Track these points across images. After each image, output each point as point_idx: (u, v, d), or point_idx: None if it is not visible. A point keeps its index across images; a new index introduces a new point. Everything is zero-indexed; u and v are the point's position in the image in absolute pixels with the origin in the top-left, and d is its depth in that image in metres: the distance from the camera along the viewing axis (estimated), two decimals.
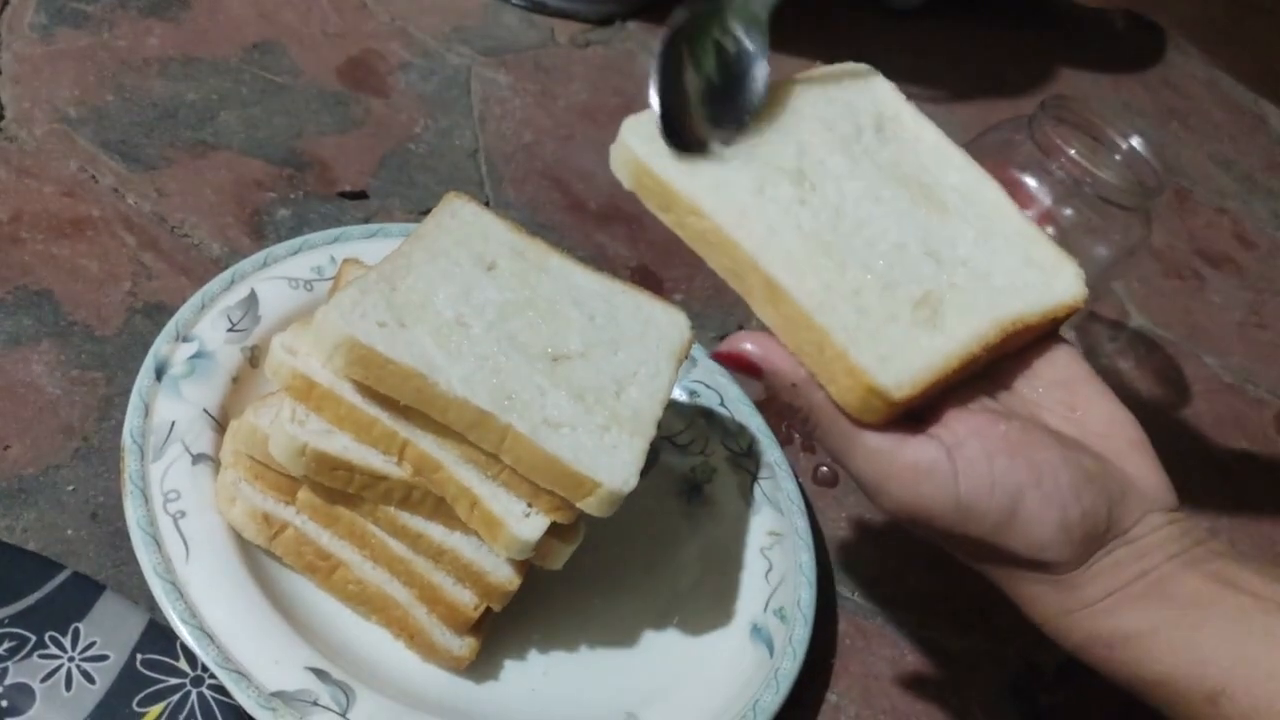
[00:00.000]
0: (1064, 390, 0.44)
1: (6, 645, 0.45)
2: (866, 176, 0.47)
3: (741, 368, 0.42)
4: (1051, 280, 0.46)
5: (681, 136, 0.43)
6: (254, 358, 0.59)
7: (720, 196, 0.44)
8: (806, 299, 0.42)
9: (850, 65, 0.52)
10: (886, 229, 0.45)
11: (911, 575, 0.69)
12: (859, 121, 0.50)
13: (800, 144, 0.47)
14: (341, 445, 0.50)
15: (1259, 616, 0.38)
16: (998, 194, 0.49)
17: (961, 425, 0.40)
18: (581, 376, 0.52)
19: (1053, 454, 0.40)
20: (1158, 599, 0.39)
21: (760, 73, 0.45)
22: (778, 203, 0.45)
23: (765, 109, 0.47)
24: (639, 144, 0.46)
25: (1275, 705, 0.36)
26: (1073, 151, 0.71)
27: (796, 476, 0.68)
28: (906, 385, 0.40)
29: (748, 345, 0.41)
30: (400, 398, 0.49)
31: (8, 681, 0.44)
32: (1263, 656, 0.37)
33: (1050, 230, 0.74)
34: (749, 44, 0.45)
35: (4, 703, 0.44)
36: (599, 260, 0.76)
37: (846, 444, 0.40)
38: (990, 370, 0.44)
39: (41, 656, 0.45)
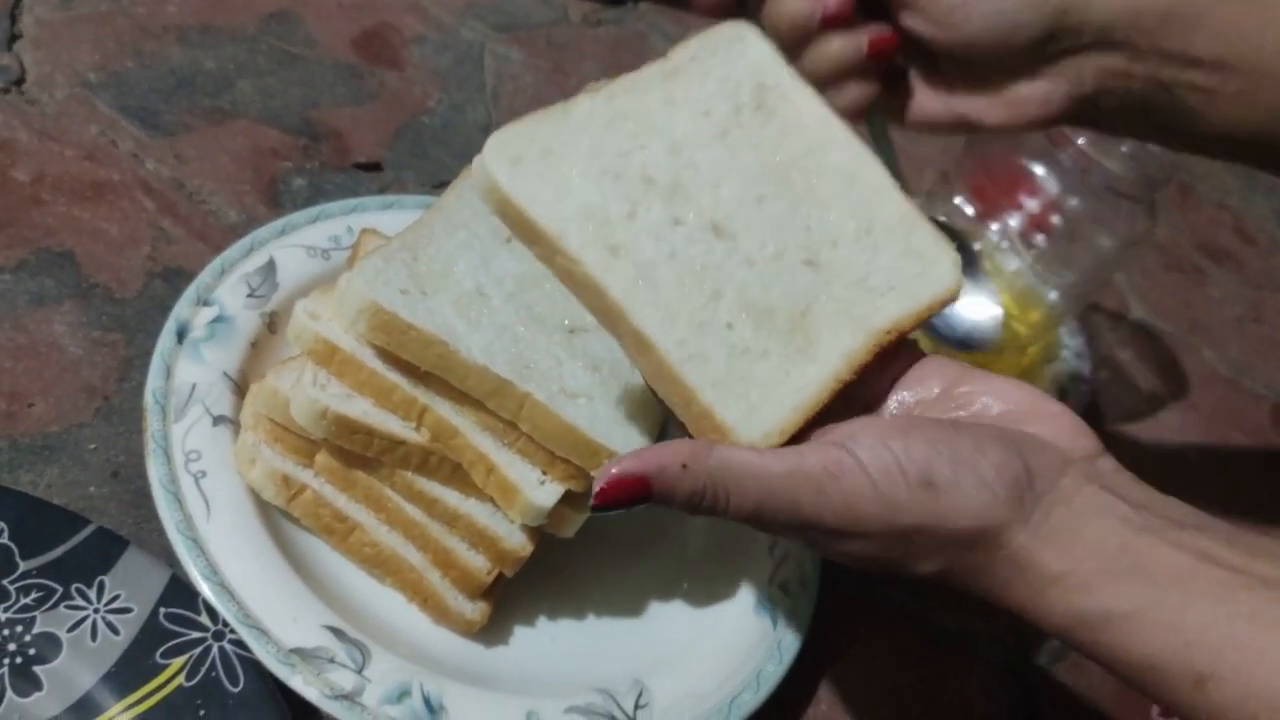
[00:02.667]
0: (944, 397, 0.43)
1: (34, 595, 0.46)
2: (745, 171, 0.45)
3: (627, 495, 0.40)
4: (929, 271, 0.45)
5: None
6: (272, 323, 0.59)
7: (588, 230, 0.42)
8: (674, 350, 0.41)
9: (729, 27, 0.48)
10: (764, 240, 0.44)
11: None
12: (738, 99, 0.46)
13: (674, 142, 0.45)
14: (361, 410, 0.51)
15: (1243, 594, 0.36)
16: (879, 173, 0.46)
17: (841, 429, 0.40)
18: (597, 348, 0.53)
19: (942, 427, 0.40)
20: (1136, 576, 0.38)
21: None
22: (649, 230, 0.43)
23: (639, 97, 0.45)
24: (502, 169, 0.42)
25: (1261, 689, 0.35)
26: (1081, 141, 0.72)
27: None
28: (774, 434, 0.40)
29: (615, 470, 0.39)
30: (421, 364, 0.50)
31: (36, 630, 0.45)
32: (1250, 639, 0.36)
33: (1057, 219, 0.75)
34: None
35: (32, 651, 0.45)
36: None
37: (761, 484, 0.38)
38: (860, 395, 0.44)
39: (68, 607, 0.46)
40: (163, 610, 0.47)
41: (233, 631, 0.48)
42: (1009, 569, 0.39)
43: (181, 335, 0.57)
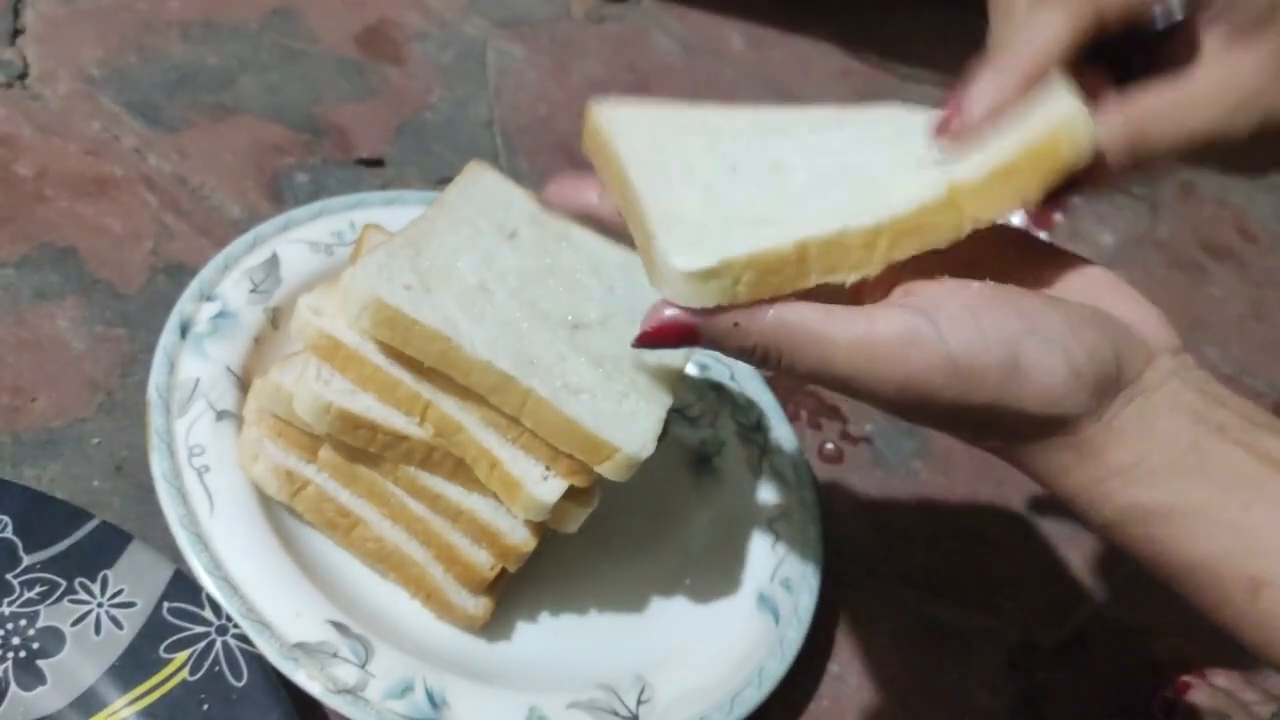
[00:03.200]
0: (1029, 271, 0.40)
1: (38, 589, 0.46)
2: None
3: (673, 338, 0.37)
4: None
5: None
6: (275, 319, 0.59)
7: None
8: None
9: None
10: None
11: (914, 552, 0.71)
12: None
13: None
14: (365, 405, 0.51)
15: None
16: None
17: (930, 290, 0.37)
18: (601, 345, 0.53)
19: (1037, 300, 0.36)
20: (1199, 473, 0.36)
21: None
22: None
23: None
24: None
25: None
26: None
27: (803, 452, 0.69)
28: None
29: (666, 314, 0.36)
30: (425, 359, 0.50)
31: (40, 624, 0.46)
32: None
33: (1059, 216, 0.75)
34: None
35: (36, 645, 0.45)
36: (610, 235, 0.77)
37: (817, 350, 0.35)
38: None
39: (72, 601, 0.46)
40: (166, 605, 0.47)
41: (236, 626, 0.48)
42: (1071, 455, 0.37)
43: (184, 330, 0.57)
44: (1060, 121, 0.38)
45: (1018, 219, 0.75)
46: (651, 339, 0.36)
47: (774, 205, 0.38)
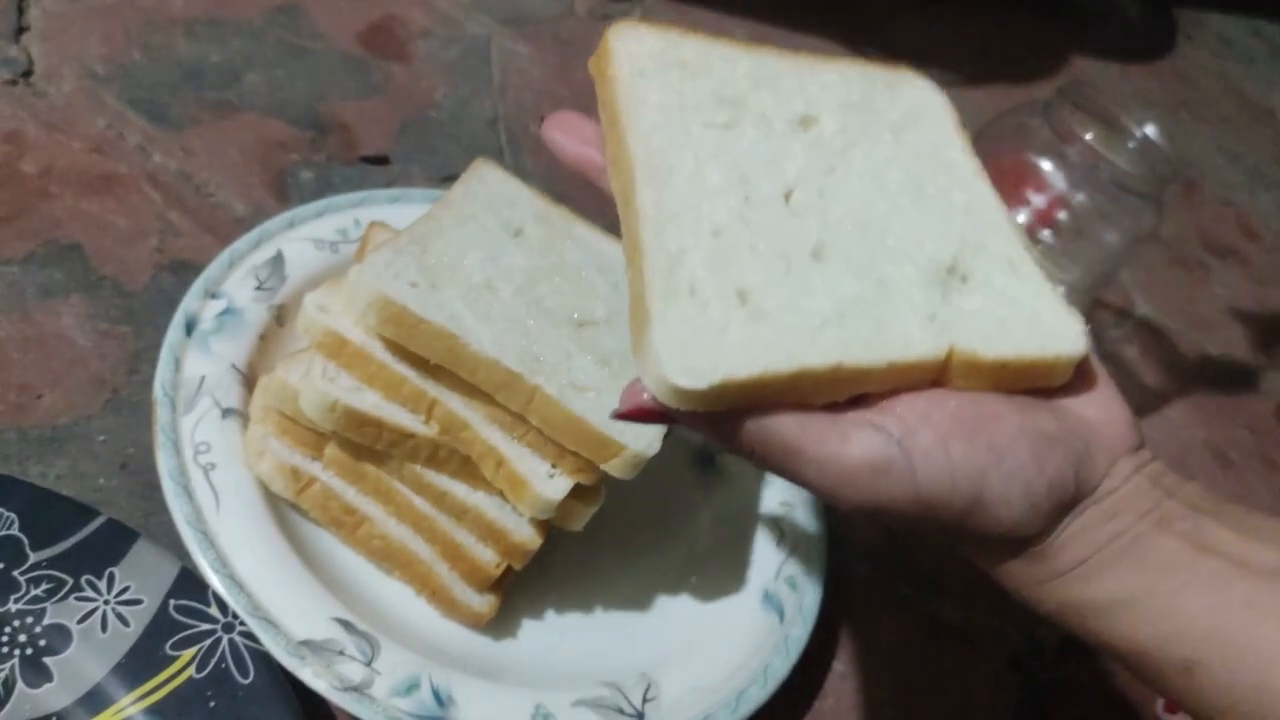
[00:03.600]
0: None
1: (44, 587, 0.46)
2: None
3: (647, 420, 0.36)
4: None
5: None
6: (280, 316, 0.59)
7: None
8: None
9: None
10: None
11: (918, 551, 0.71)
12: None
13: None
14: (371, 402, 0.51)
15: (1236, 584, 0.36)
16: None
17: (907, 409, 0.37)
18: (606, 342, 0.53)
19: (1009, 425, 0.37)
20: (1133, 564, 0.37)
21: None
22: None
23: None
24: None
25: (1247, 678, 0.35)
26: (1089, 137, 0.72)
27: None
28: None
29: (646, 397, 0.35)
30: (431, 357, 0.50)
31: (46, 622, 0.45)
32: (1239, 628, 0.35)
33: (1064, 215, 0.75)
34: None
35: (42, 642, 0.45)
36: (616, 233, 0.77)
37: (791, 462, 0.36)
38: None
39: (78, 599, 0.46)
40: (173, 602, 0.47)
41: (243, 623, 0.48)
42: (1018, 559, 0.39)
43: (190, 328, 0.57)
44: (1066, 349, 0.38)
45: (1022, 218, 0.75)
46: (629, 418, 0.36)
47: (777, 288, 0.36)
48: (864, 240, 0.39)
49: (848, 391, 0.36)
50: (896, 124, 0.43)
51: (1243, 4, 1.46)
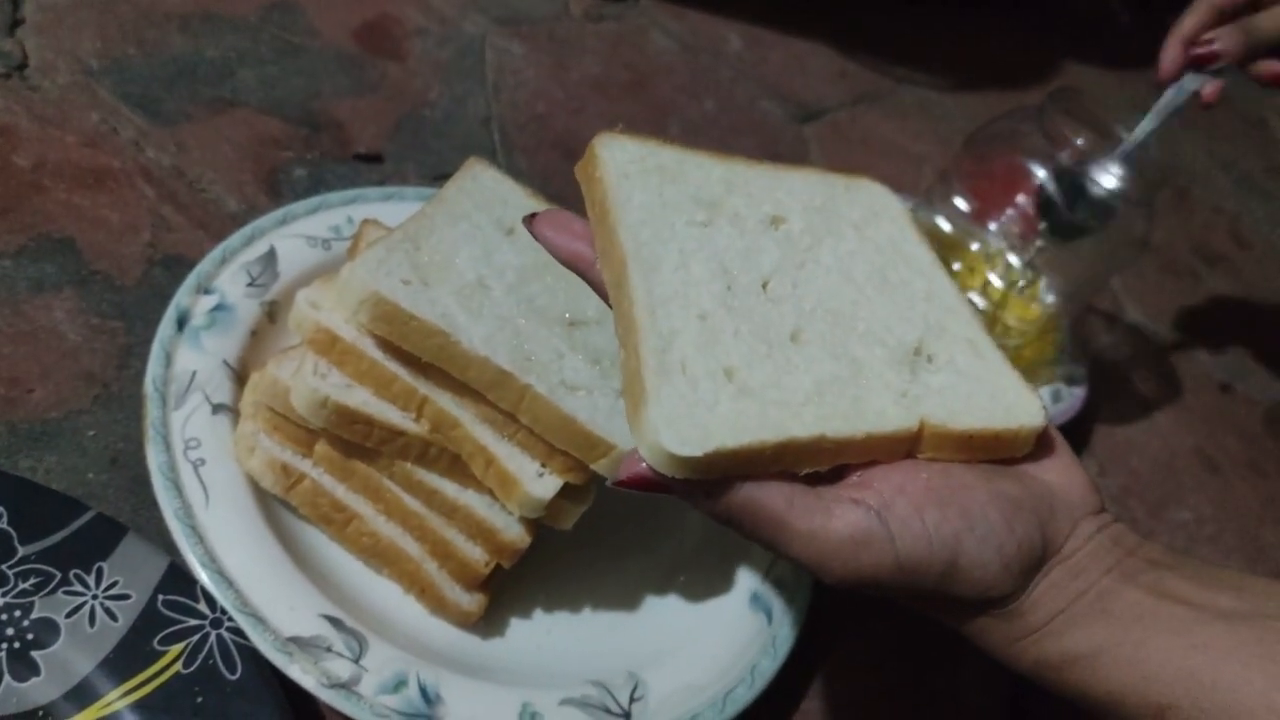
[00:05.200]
0: None
1: (33, 580, 0.46)
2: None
3: (645, 489, 0.38)
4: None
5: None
6: (272, 313, 0.59)
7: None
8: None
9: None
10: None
11: None
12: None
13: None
14: (361, 399, 0.51)
15: (1196, 627, 0.38)
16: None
17: (884, 482, 0.39)
18: (598, 342, 0.53)
19: (979, 493, 0.40)
20: (1100, 618, 0.40)
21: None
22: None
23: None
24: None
25: (1220, 716, 0.37)
26: (1080, 142, 0.72)
27: None
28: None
29: (643, 466, 0.37)
30: (422, 354, 0.50)
31: (34, 616, 0.45)
32: (1205, 669, 0.37)
33: (1054, 219, 0.76)
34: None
35: (30, 636, 0.45)
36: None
37: (775, 533, 0.38)
38: None
39: (66, 593, 0.46)
40: (161, 597, 0.47)
41: (231, 619, 0.48)
42: (991, 620, 0.41)
43: (182, 323, 0.57)
44: (1027, 421, 0.41)
45: (1014, 225, 0.75)
46: (627, 486, 0.38)
47: (761, 367, 0.39)
48: (837, 325, 0.42)
49: (830, 461, 0.39)
50: (858, 222, 0.47)
51: None
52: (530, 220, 0.42)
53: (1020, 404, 0.42)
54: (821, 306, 0.42)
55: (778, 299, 0.42)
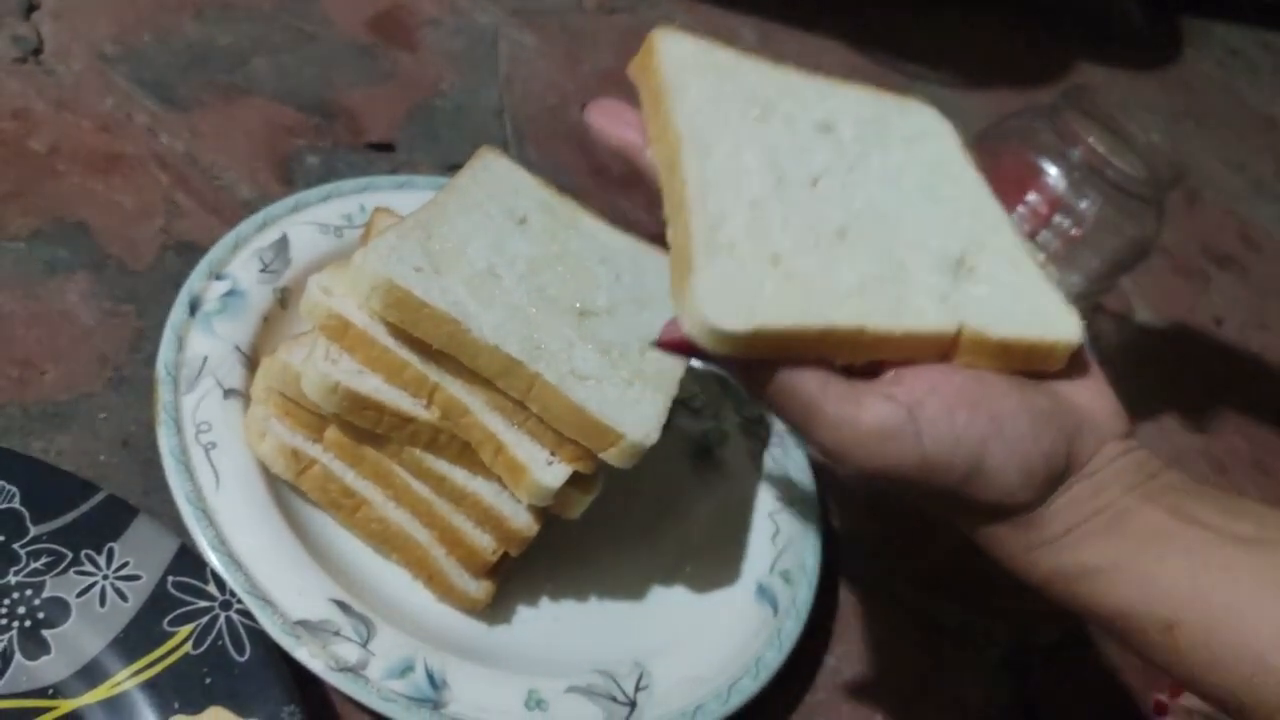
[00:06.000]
0: None
1: (44, 560, 0.46)
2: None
3: (687, 352, 0.39)
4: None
5: None
6: (284, 299, 0.60)
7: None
8: None
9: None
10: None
11: (912, 549, 0.71)
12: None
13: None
14: (372, 386, 0.51)
15: (1214, 549, 0.38)
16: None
17: (917, 381, 0.40)
18: (608, 332, 0.54)
19: (1010, 400, 0.40)
20: (1118, 533, 0.40)
21: None
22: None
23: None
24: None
25: (1227, 635, 0.37)
26: (1092, 141, 0.72)
27: (804, 446, 0.69)
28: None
29: (684, 331, 0.38)
30: (433, 341, 0.50)
31: (45, 595, 0.46)
32: (1216, 588, 0.38)
33: (1065, 218, 0.76)
34: None
35: (41, 615, 0.45)
36: (619, 226, 0.77)
37: (807, 416, 0.39)
38: None
39: (77, 573, 0.46)
40: (171, 579, 0.47)
41: (240, 602, 0.48)
42: (1007, 528, 0.41)
43: (194, 308, 0.57)
44: (1063, 335, 0.42)
45: (1025, 223, 0.75)
46: (667, 349, 0.39)
47: (807, 257, 0.40)
48: (882, 228, 0.42)
49: (867, 355, 0.39)
50: (907, 138, 0.47)
51: (1250, 15, 1.46)
52: (583, 108, 0.44)
53: (1058, 319, 0.42)
54: (869, 209, 0.43)
55: (826, 197, 0.42)
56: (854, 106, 0.47)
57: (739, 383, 0.40)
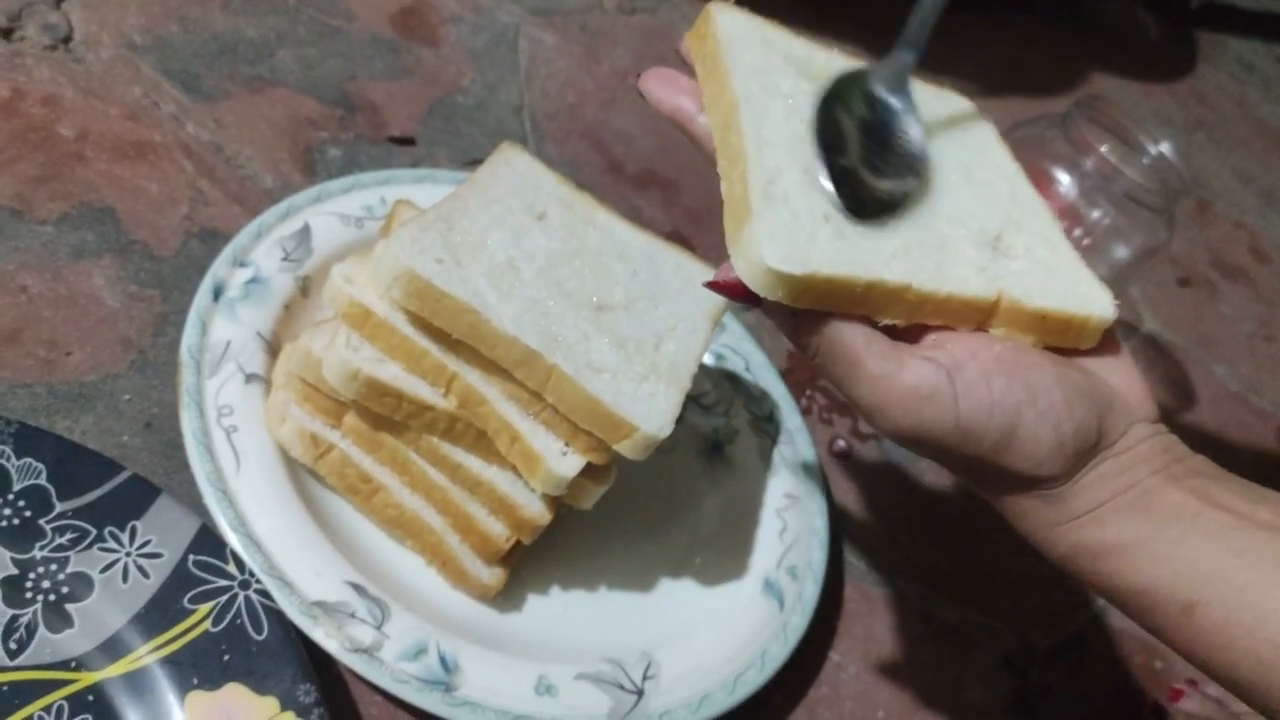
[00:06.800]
0: None
1: (69, 536, 0.47)
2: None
3: (739, 297, 0.40)
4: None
5: (860, 205, 0.42)
6: (305, 287, 0.61)
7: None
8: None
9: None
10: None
11: (916, 548, 0.72)
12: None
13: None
14: (392, 373, 0.52)
15: (1236, 533, 0.39)
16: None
17: (957, 346, 0.41)
18: (624, 326, 0.55)
19: (1046, 372, 0.41)
20: (1142, 512, 0.40)
21: (915, 129, 0.45)
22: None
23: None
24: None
25: (1244, 616, 0.38)
26: (1104, 150, 0.73)
27: (814, 445, 0.70)
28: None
29: (738, 275, 0.39)
30: (453, 331, 0.51)
31: (69, 570, 0.47)
32: (1237, 571, 0.38)
33: (1076, 226, 0.76)
34: (896, 103, 0.45)
35: (65, 589, 0.47)
36: (634, 222, 0.78)
37: (849, 370, 0.39)
38: None
39: (101, 549, 0.47)
40: (192, 558, 0.48)
41: (258, 581, 0.49)
42: (1034, 502, 0.42)
43: (218, 294, 0.58)
44: (1098, 311, 0.43)
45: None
46: (720, 289, 0.40)
47: (855, 221, 0.41)
48: (926, 201, 0.44)
49: (910, 315, 0.41)
50: (947, 124, 0.48)
51: (1264, 29, 1.47)
52: (639, 76, 0.45)
53: (1093, 296, 0.43)
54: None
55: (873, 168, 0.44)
56: None
57: (787, 332, 0.41)
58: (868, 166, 0.44)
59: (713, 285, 0.40)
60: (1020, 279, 0.43)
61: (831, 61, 0.47)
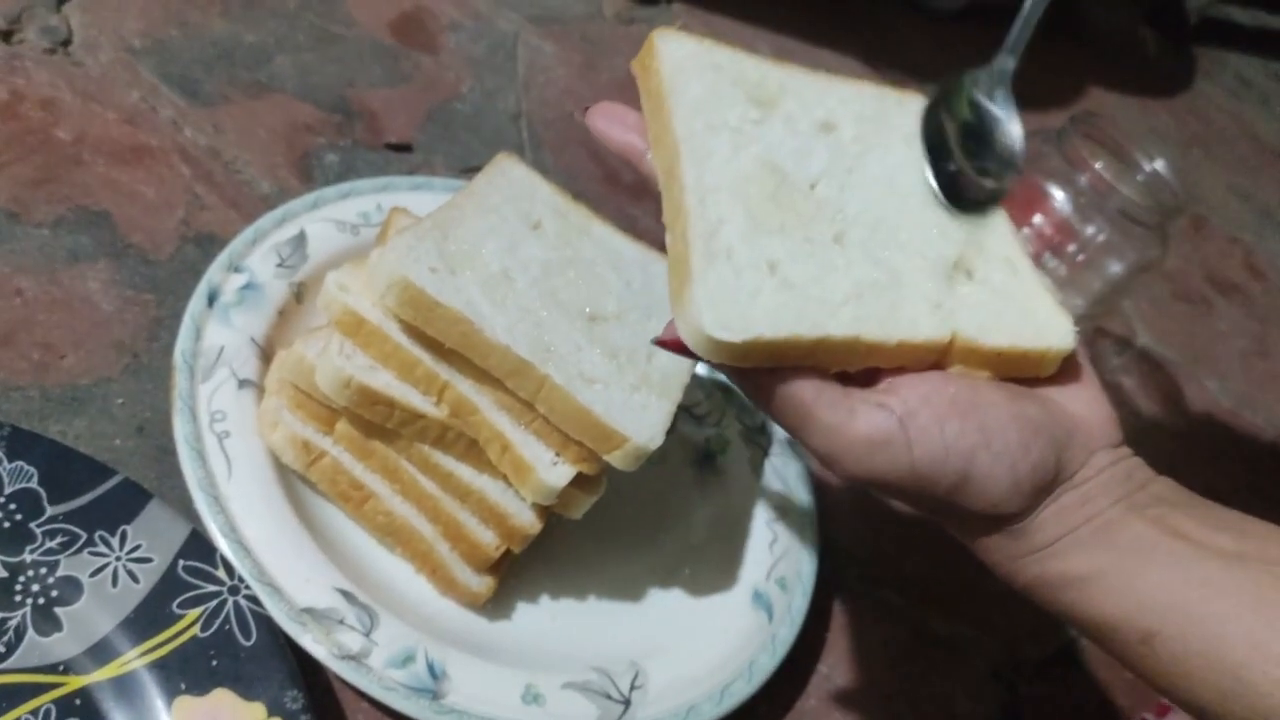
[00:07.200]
0: None
1: (59, 540, 0.47)
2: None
3: (687, 353, 0.39)
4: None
5: (962, 197, 0.44)
6: (300, 293, 0.61)
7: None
8: None
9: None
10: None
11: (906, 560, 0.72)
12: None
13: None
14: (384, 381, 0.52)
15: (1195, 564, 0.39)
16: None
17: (910, 391, 0.40)
18: (616, 337, 0.55)
19: (1001, 411, 0.40)
20: (1102, 544, 0.41)
21: (1016, 130, 0.46)
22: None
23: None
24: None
25: (1203, 648, 0.38)
26: (1098, 166, 0.73)
27: (804, 457, 0.70)
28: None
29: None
30: (446, 340, 0.51)
31: (59, 574, 0.47)
32: (1195, 602, 0.39)
33: (1070, 242, 0.77)
34: (997, 108, 0.46)
35: (54, 593, 0.47)
36: (630, 233, 0.78)
37: (800, 421, 0.39)
38: None
39: (91, 553, 0.48)
40: (181, 563, 0.49)
41: (248, 587, 0.49)
42: (996, 536, 0.42)
43: (212, 299, 0.58)
44: (1055, 343, 0.43)
45: (1030, 245, 0.76)
46: (668, 348, 0.40)
47: (803, 264, 0.41)
48: (879, 233, 0.43)
49: (861, 363, 0.40)
50: (907, 136, 0.47)
51: (1263, 46, 1.47)
52: (585, 112, 0.44)
53: (1051, 326, 0.43)
54: (866, 213, 0.43)
55: (823, 201, 0.43)
56: (855, 103, 0.47)
57: (737, 386, 0.41)
58: (971, 165, 0.45)
59: (660, 343, 0.40)
60: (975, 314, 0.42)
61: (787, 78, 0.46)
